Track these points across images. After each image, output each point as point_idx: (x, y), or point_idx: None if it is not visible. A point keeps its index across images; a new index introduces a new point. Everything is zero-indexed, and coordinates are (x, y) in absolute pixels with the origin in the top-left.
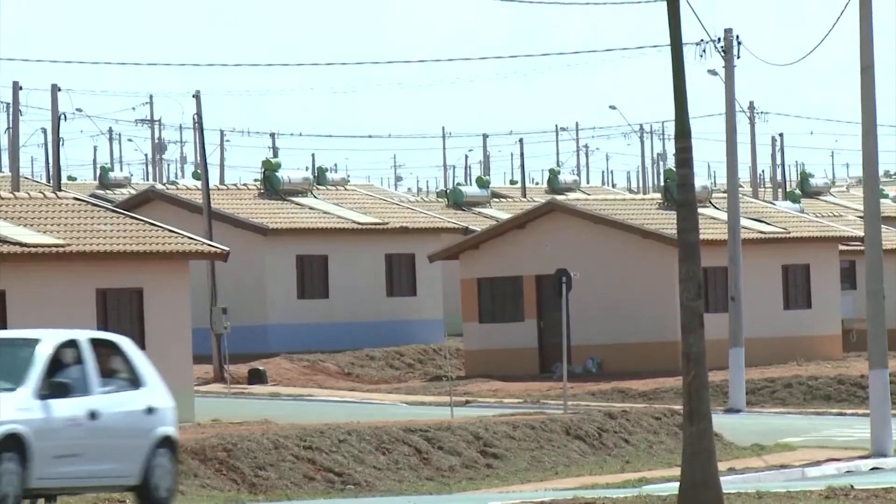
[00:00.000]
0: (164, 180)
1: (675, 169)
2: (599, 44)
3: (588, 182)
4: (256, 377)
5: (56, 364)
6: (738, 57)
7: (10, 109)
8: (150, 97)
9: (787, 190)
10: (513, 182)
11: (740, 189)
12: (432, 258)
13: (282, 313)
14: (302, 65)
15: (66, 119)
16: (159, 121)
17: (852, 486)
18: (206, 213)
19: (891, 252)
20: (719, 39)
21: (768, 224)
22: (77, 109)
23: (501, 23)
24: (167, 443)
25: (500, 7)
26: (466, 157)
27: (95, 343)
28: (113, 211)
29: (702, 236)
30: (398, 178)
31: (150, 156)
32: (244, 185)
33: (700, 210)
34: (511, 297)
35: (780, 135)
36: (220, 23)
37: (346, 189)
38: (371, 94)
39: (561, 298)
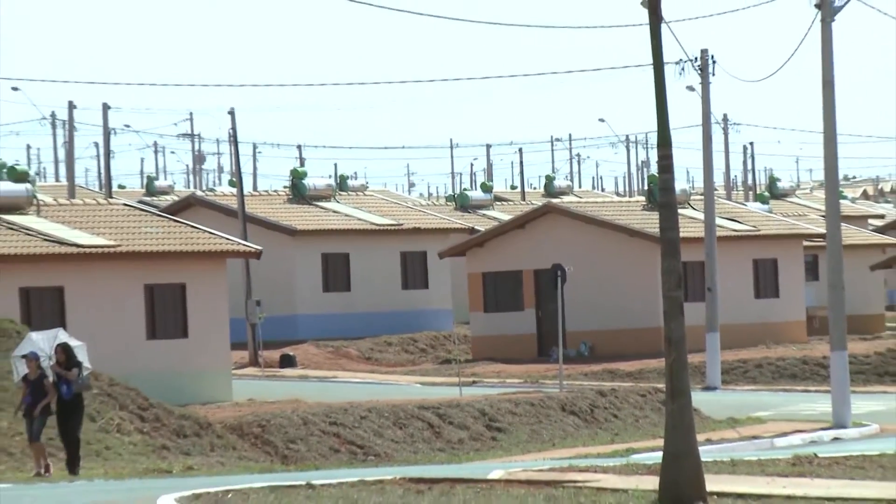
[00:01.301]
0: (204, 188)
1: (657, 174)
2: (590, 63)
3: (580, 187)
4: (287, 362)
5: None
6: (713, 74)
7: (66, 126)
8: (191, 114)
9: (757, 192)
10: (513, 187)
11: (715, 192)
12: (442, 255)
13: (309, 305)
14: (325, 84)
15: (115, 134)
16: (199, 135)
17: (816, 455)
18: (241, 217)
19: (849, 247)
20: (696, 59)
21: (740, 223)
22: (125, 125)
23: (504, 46)
24: None
25: (501, 32)
26: (472, 165)
27: None
28: (158, 215)
29: (681, 234)
30: (411, 185)
31: (190, 166)
32: (275, 191)
33: (680, 211)
34: (512, 290)
35: (751, 143)
36: (253, 47)
37: (364, 194)
38: (387, 109)
39: (557, 290)
